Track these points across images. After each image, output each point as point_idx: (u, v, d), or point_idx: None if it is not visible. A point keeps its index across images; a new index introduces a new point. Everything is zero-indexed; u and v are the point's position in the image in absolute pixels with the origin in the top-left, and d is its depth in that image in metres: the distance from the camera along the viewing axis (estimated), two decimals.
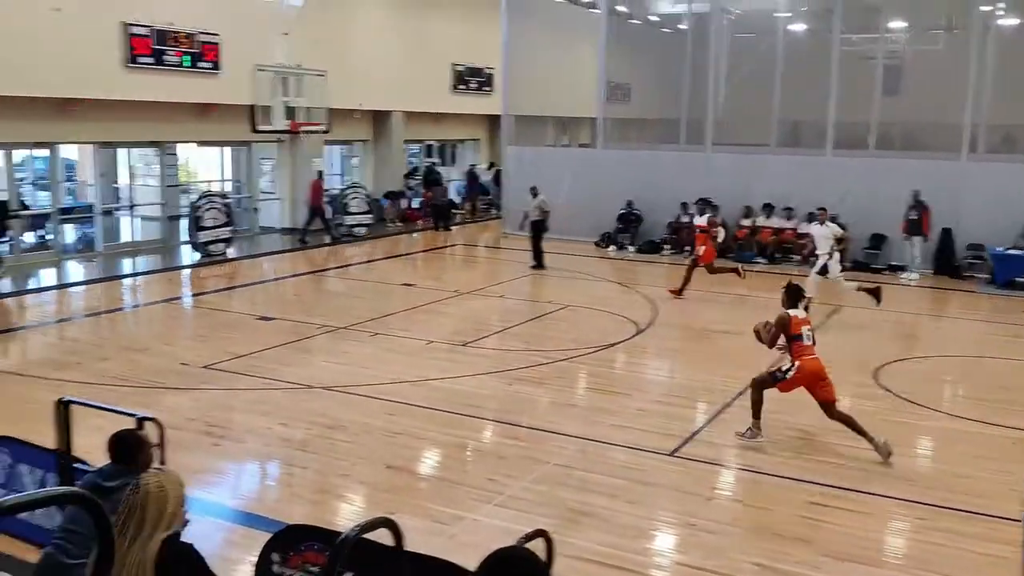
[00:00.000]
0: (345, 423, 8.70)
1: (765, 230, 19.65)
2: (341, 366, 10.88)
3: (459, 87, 27.15)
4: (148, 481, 3.22)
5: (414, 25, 24.99)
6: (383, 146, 25.72)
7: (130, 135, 19.12)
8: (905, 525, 6.89)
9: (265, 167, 23.12)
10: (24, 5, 15.74)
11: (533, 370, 10.72)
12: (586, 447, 8.22)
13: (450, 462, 8.02)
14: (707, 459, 7.98)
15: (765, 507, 6.98)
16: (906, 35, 23.69)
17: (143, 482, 3.21)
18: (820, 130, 20.18)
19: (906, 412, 9.44)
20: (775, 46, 23.41)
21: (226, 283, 17.09)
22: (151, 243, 19.97)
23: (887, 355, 11.65)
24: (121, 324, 13.78)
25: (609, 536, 6.41)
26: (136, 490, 3.18)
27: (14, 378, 10.15)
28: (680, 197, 20.44)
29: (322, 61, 19.00)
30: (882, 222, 18.53)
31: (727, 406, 9.47)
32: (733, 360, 11.36)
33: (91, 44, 16.82)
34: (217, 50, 19.07)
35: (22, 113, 16.44)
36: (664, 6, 28.46)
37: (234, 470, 7.88)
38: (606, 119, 22.88)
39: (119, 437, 4.50)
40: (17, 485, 6.30)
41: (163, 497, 3.23)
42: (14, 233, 17.36)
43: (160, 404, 8.93)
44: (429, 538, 6.14)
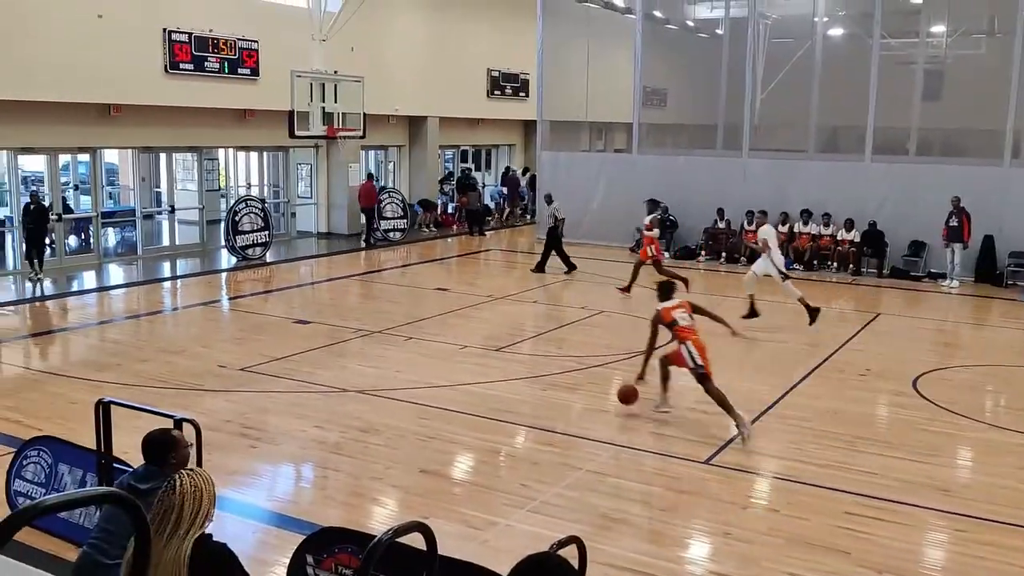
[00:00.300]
0: (379, 427, 8.73)
1: (802, 236, 19.46)
2: (375, 370, 10.93)
3: (494, 92, 27.22)
4: (183, 481, 3.26)
5: (450, 31, 25.11)
6: (418, 151, 25.86)
7: (170, 140, 19.41)
8: (945, 537, 6.77)
9: (302, 172, 23.34)
10: (68, 12, 16.04)
11: (567, 376, 10.70)
12: (619, 453, 8.18)
13: (483, 467, 8.02)
14: (742, 467, 7.90)
15: (801, 517, 6.89)
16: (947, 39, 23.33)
17: (179, 482, 3.25)
18: (859, 136, 19.95)
19: (946, 422, 9.29)
20: (813, 51, 23.19)
21: (263, 287, 17.25)
22: (190, 247, 20.23)
23: (927, 364, 11.48)
24: (160, 326, 13.96)
25: (642, 544, 6.37)
26: (172, 490, 3.22)
27: (56, 379, 10.33)
28: (716, 203, 20.32)
29: (359, 67, 19.15)
30: (922, 229, 18.28)
31: (763, 414, 9.38)
32: (769, 367, 11.27)
33: (133, 50, 17.11)
34: (256, 56, 19.31)
35: (66, 118, 16.76)
36: (701, 11, 28.31)
37: (269, 472, 7.94)
38: (642, 124, 22.79)
39: (151, 438, 4.45)
40: (58, 484, 6.41)
41: (198, 496, 3.26)
42: (55, 237, 17.68)
43: (198, 406, 9.03)
44: (462, 543, 6.15)
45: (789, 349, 12.40)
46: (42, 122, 16.49)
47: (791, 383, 10.55)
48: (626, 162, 22.82)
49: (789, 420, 9.22)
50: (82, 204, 20.04)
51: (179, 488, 3.23)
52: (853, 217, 18.92)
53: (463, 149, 29.32)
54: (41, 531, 5.99)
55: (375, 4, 20.21)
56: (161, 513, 3.17)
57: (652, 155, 22.70)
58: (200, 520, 3.26)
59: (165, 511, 3.18)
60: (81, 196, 20.37)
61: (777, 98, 24.91)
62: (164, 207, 20.39)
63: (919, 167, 19.30)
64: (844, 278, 18.45)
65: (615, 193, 21.99)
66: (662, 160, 22.35)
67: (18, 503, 6.49)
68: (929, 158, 20.09)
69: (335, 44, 17.88)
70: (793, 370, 11.19)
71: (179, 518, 3.20)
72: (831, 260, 19.18)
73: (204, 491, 3.29)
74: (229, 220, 19.13)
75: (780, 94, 24.83)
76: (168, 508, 3.19)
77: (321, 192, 23.11)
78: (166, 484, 3.25)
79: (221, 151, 21.77)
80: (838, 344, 12.47)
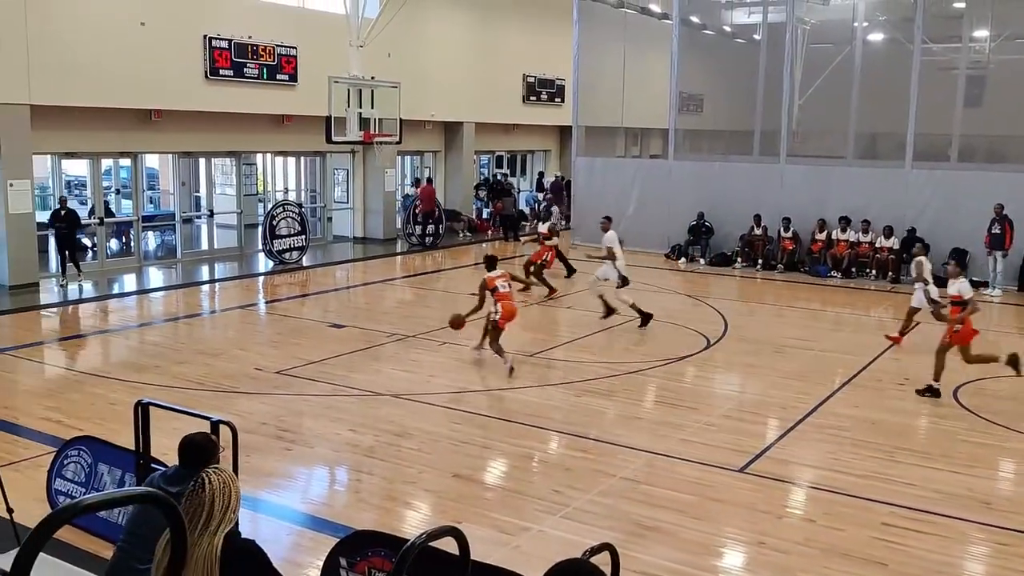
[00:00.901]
0: (412, 431, 8.77)
1: (840, 243, 19.23)
2: (409, 374, 10.98)
3: (530, 98, 27.25)
4: (212, 478, 3.29)
5: (486, 37, 25.19)
6: (454, 157, 25.95)
7: (210, 145, 19.67)
8: (985, 550, 6.65)
9: (338, 177, 23.54)
10: (111, 19, 16.33)
11: (601, 382, 10.67)
12: (653, 461, 8.14)
13: (516, 472, 8.01)
14: (778, 476, 7.82)
15: (838, 527, 6.80)
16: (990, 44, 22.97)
17: (207, 479, 3.27)
18: (899, 142, 19.68)
19: (987, 432, 9.13)
20: (852, 56, 22.95)
21: (299, 290, 17.41)
22: (228, 251, 20.46)
23: (967, 374, 11.28)
24: (198, 329, 14.14)
25: (676, 552, 6.33)
26: (202, 488, 3.25)
27: (97, 379, 10.49)
28: (753, 210, 20.16)
29: (395, 73, 19.28)
30: (963, 237, 17.97)
31: (799, 422, 9.28)
32: (805, 375, 11.15)
33: (174, 57, 17.37)
34: (294, 63, 19.51)
35: (108, 123, 17.06)
36: (738, 16, 28.15)
37: (304, 474, 8.00)
38: (677, 130, 22.68)
39: (194, 441, 4.32)
40: (97, 484, 6.50)
41: (227, 492, 3.29)
42: (97, 240, 17.98)
43: (234, 408, 9.13)
44: (494, 548, 6.15)
45: (826, 358, 12.26)
46: (85, 127, 16.80)
47: (828, 392, 10.44)
48: (661, 168, 22.72)
49: (826, 429, 9.12)
50: (123, 208, 20.36)
51: (208, 485, 3.26)
52: (892, 224, 18.68)
53: (498, 155, 29.38)
54: (81, 529, 6.08)
55: (412, 10, 20.34)
56: (192, 511, 3.20)
57: (688, 161, 22.58)
58: (229, 515, 3.30)
59: (195, 508, 3.21)
60: (122, 200, 20.70)
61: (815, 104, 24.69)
62: (203, 211, 20.65)
63: (961, 174, 19.01)
64: (883, 286, 18.20)
65: (650, 199, 21.90)
66: (698, 166, 22.23)
67: (58, 502, 6.60)
68: (971, 165, 19.78)
69: (372, 50, 18.02)
70: (830, 379, 11.07)
71: (210, 514, 3.23)
72: (870, 267, 18.94)
73: (232, 487, 3.32)
74: (267, 224, 19.34)
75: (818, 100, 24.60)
76: (199, 505, 3.22)
77: (357, 197, 23.28)
78: (195, 482, 3.27)
79: (259, 156, 22.01)
80: (876, 353, 12.31)
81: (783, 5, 22.45)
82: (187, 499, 3.22)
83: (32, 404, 9.50)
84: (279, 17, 19.52)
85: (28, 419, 8.92)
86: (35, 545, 2.08)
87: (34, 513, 5.38)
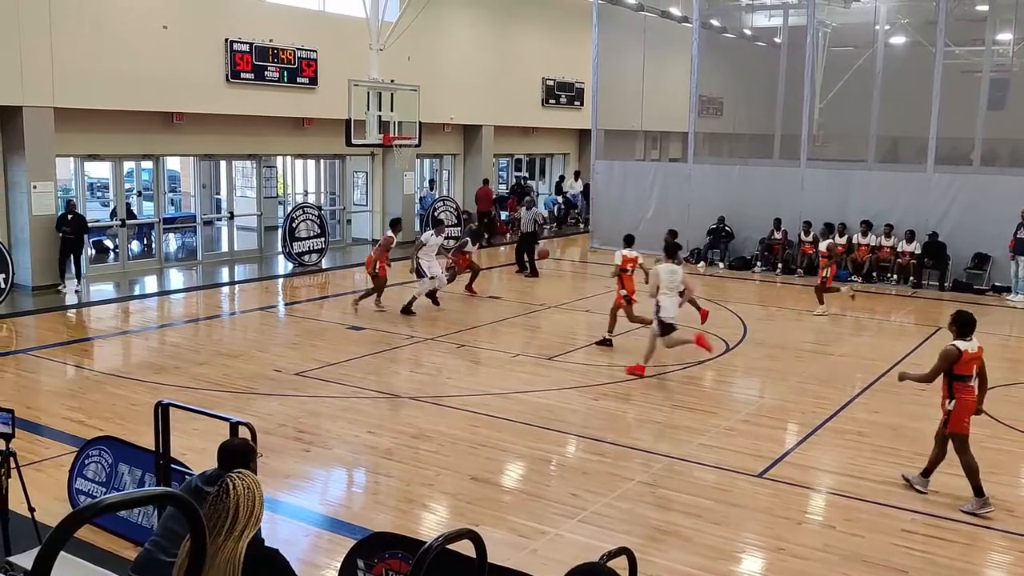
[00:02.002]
0: (430, 433, 8.78)
1: (861, 247, 19.11)
2: (427, 377, 11.00)
3: (549, 101, 27.25)
4: (236, 483, 3.30)
5: (505, 40, 25.22)
6: (473, 160, 25.99)
7: (230, 148, 19.78)
8: (1008, 558, 6.58)
9: (358, 179, 23.62)
10: (134, 23, 16.47)
11: (619, 386, 10.65)
12: (672, 465, 8.11)
13: (534, 476, 8.01)
14: (797, 482, 7.77)
15: (857, 533, 6.75)
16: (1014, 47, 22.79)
17: (231, 485, 3.29)
18: (921, 146, 19.54)
19: (1010, 439, 9.05)
20: (874, 60, 22.84)
21: (318, 292, 17.49)
22: (248, 253, 20.58)
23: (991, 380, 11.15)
24: (218, 331, 14.22)
25: (693, 557, 6.30)
26: (226, 494, 3.26)
27: (118, 380, 10.57)
28: (773, 214, 20.07)
29: (415, 76, 19.31)
30: (986, 241, 17.83)
31: (819, 427, 9.23)
32: (825, 380, 11.08)
33: (196, 60, 17.50)
34: (314, 66, 19.61)
35: (130, 126, 17.20)
36: (759, 20, 28.06)
37: (322, 476, 8.03)
38: (697, 133, 22.61)
39: (233, 447, 4.32)
40: (117, 483, 6.55)
41: (251, 497, 3.30)
42: (120, 242, 18.11)
43: (253, 409, 9.18)
44: (511, 551, 6.15)
45: (846, 363, 12.18)
46: (108, 130, 16.94)
47: (848, 397, 10.37)
48: (681, 171, 22.67)
49: (846, 435, 9.06)
50: (145, 210, 20.52)
51: (233, 491, 3.27)
52: (914, 228, 18.54)
53: (517, 158, 29.39)
54: (101, 529, 6.13)
55: (432, 14, 20.39)
56: (216, 516, 3.21)
57: (708, 165, 22.52)
58: (253, 521, 3.30)
59: (220, 514, 3.22)
60: (144, 202, 20.86)
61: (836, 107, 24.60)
62: (223, 213, 20.77)
63: (984, 178, 18.85)
64: (904, 290, 18.07)
65: (670, 203, 21.84)
66: (718, 170, 22.17)
67: (79, 501, 6.65)
68: (994, 169, 19.64)
69: (392, 53, 18.07)
70: (850, 384, 11.00)
71: (234, 520, 3.24)
72: (891, 272, 18.81)
73: (256, 492, 3.33)
74: (286, 227, 19.44)
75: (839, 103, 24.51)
76: (223, 511, 3.23)
77: (376, 199, 23.35)
78: (219, 487, 3.28)
79: (279, 159, 22.13)
80: (897, 358, 12.21)
81: (804, 8, 22.36)
82: (211, 504, 3.23)
83: (54, 404, 9.59)
84: (299, 20, 19.62)
85: (50, 419, 9.00)
86: (56, 544, 2.09)
87: (55, 512, 5.43)
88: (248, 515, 3.27)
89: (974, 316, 7.37)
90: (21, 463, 5.91)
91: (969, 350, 7.21)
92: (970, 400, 7.28)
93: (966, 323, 7.28)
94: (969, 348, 7.22)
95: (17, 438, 5.81)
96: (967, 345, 7.23)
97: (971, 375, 7.26)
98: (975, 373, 7.28)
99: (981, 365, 7.32)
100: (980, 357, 7.29)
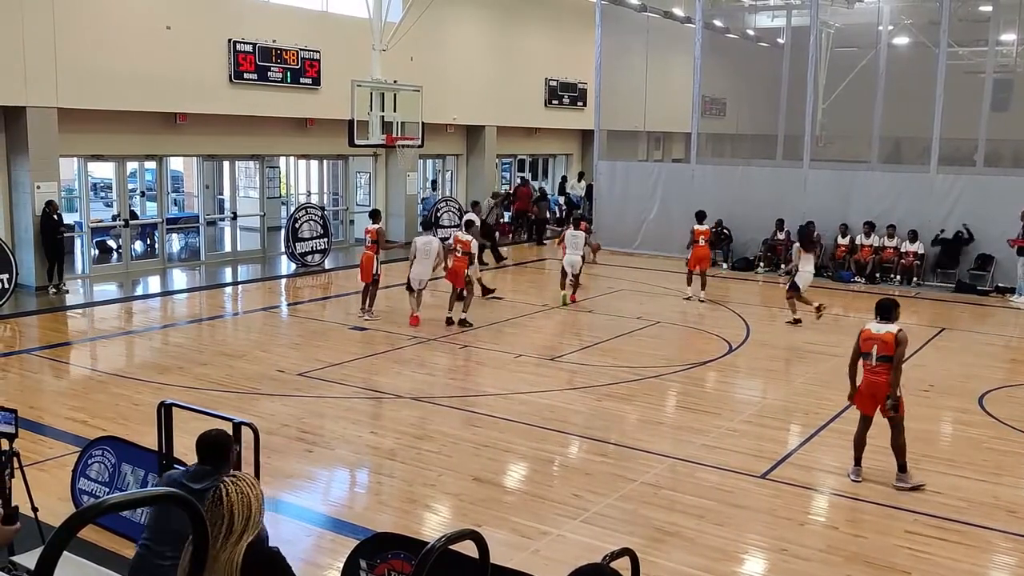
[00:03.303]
0: (433, 434, 8.78)
1: (864, 248, 19.08)
2: (430, 377, 11.00)
3: (552, 102, 27.25)
4: (229, 490, 3.26)
5: (508, 40, 25.22)
6: (476, 160, 25.99)
7: (233, 148, 19.80)
8: (1013, 560, 6.57)
9: (361, 180, 23.63)
10: (137, 24, 16.48)
11: (622, 386, 10.64)
12: (674, 466, 8.10)
13: (536, 476, 8.00)
14: (800, 483, 7.77)
15: (860, 535, 6.75)
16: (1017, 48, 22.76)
17: (224, 492, 3.26)
18: (924, 146, 19.52)
19: (1013, 440, 9.02)
20: (877, 60, 22.82)
21: (321, 293, 17.50)
22: (251, 253, 20.59)
23: (993, 381, 11.17)
24: (221, 331, 14.23)
25: (696, 558, 6.30)
26: (220, 502, 3.24)
27: (121, 380, 10.58)
28: (776, 214, 20.05)
29: (418, 76, 19.33)
30: (990, 243, 17.81)
31: (822, 428, 9.22)
32: (828, 381, 11.05)
33: (199, 61, 17.51)
34: (318, 66, 19.63)
35: (133, 126, 17.22)
36: (762, 20, 28.04)
37: (324, 476, 8.04)
38: (700, 134, 22.61)
39: (209, 438, 4.36)
40: (120, 484, 6.56)
41: (246, 502, 3.28)
42: (123, 242, 18.12)
43: (256, 409, 9.19)
44: (513, 552, 6.15)
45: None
46: (111, 130, 16.96)
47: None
48: (684, 172, 22.66)
49: (849, 436, 9.00)
50: (148, 210, 20.55)
51: (226, 499, 3.24)
52: (917, 229, 18.52)
53: (520, 158, 29.39)
54: (104, 529, 6.13)
55: (435, 15, 20.39)
56: (212, 523, 3.18)
57: (711, 165, 22.51)
58: (252, 525, 3.29)
59: (215, 521, 3.20)
60: (147, 202, 20.89)
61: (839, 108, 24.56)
62: (226, 214, 20.79)
63: (987, 179, 18.82)
64: (907, 291, 18.05)
65: (672, 203, 21.83)
66: (720, 170, 22.16)
67: (82, 501, 6.66)
68: (998, 170, 19.59)
69: (395, 54, 18.08)
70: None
71: (231, 526, 3.23)
72: (894, 273, 18.79)
73: (252, 496, 3.30)
74: (289, 227, 19.46)
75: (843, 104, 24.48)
76: (219, 517, 3.21)
77: (379, 200, 23.35)
78: (212, 495, 3.27)
79: (282, 159, 22.13)
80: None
81: (807, 9, 22.34)
82: (207, 511, 3.22)
83: (57, 404, 9.60)
84: (303, 21, 19.64)
85: (53, 419, 9.02)
86: (59, 544, 2.10)
87: (58, 512, 5.43)
88: (245, 520, 3.25)
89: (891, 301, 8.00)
90: (24, 463, 5.92)
91: (871, 330, 7.79)
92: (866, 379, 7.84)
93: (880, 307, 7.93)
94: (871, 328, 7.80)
95: (20, 438, 5.81)
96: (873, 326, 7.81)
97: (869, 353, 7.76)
98: (873, 353, 7.72)
99: (889, 348, 7.69)
100: (883, 339, 7.67)
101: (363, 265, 14.26)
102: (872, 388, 7.76)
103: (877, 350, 7.69)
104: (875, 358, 7.71)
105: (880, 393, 7.70)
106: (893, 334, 7.66)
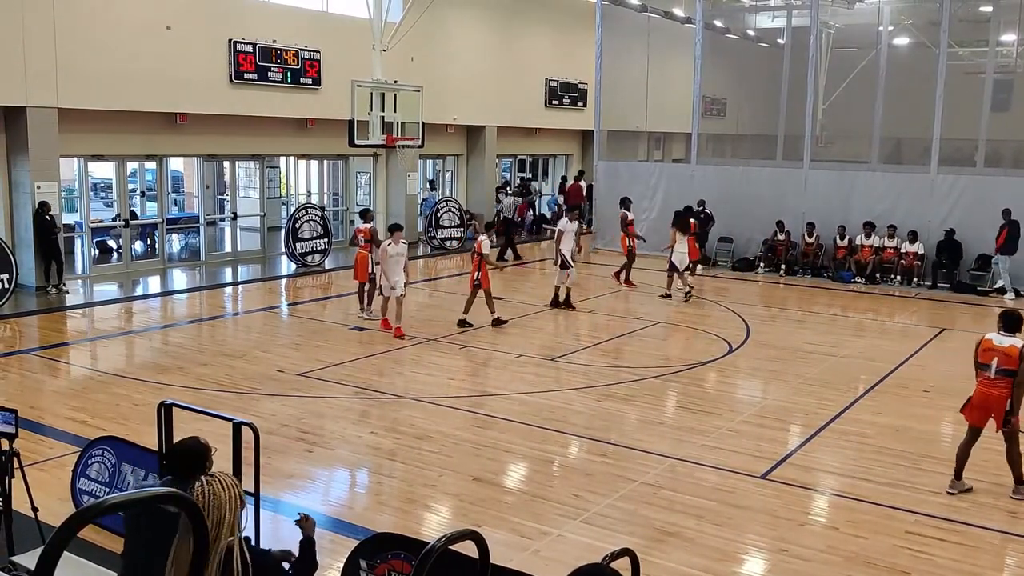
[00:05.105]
0: (433, 434, 8.78)
1: (864, 249, 19.08)
2: (430, 377, 11.00)
3: (552, 102, 27.25)
4: (196, 494, 3.13)
5: (509, 41, 25.23)
6: (476, 160, 25.99)
7: (233, 148, 19.80)
8: (1013, 561, 6.57)
9: (361, 180, 23.63)
10: (138, 24, 16.49)
11: (622, 387, 10.64)
12: (674, 466, 8.10)
13: (536, 477, 8.01)
14: (800, 483, 7.76)
15: (861, 535, 6.74)
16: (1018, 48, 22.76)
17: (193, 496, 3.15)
18: (924, 147, 19.52)
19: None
20: (877, 61, 22.82)
21: (321, 293, 17.49)
22: (251, 253, 20.59)
23: None
24: (221, 331, 14.23)
25: (696, 558, 6.30)
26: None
27: (121, 380, 10.58)
28: (776, 215, 20.04)
29: (418, 77, 19.35)
30: (990, 242, 17.80)
31: (822, 429, 9.22)
32: (828, 381, 11.07)
33: (199, 61, 17.51)
34: (318, 66, 19.63)
35: (134, 127, 17.22)
36: (762, 21, 28.05)
37: (324, 476, 8.04)
38: (700, 134, 22.60)
39: (184, 448, 3.93)
40: (120, 483, 6.56)
41: (218, 506, 3.17)
42: (123, 242, 18.12)
43: (256, 409, 9.19)
44: (513, 552, 6.15)
45: (850, 364, 12.16)
46: (111, 130, 16.96)
47: (852, 399, 10.35)
48: (684, 172, 22.65)
49: (850, 436, 9.04)
50: (148, 210, 20.55)
51: (199, 500, 3.15)
52: (917, 230, 18.52)
53: (520, 158, 29.39)
54: (104, 529, 6.13)
55: (435, 15, 20.41)
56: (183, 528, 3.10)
57: (711, 165, 22.50)
58: (225, 531, 3.18)
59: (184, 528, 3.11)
60: (147, 203, 20.89)
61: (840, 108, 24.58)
62: (227, 214, 20.79)
63: (987, 179, 18.82)
64: (907, 291, 18.05)
65: (673, 204, 21.79)
66: (720, 170, 22.15)
67: (82, 501, 6.65)
68: (998, 170, 19.60)
69: (395, 54, 18.08)
70: (854, 385, 10.98)
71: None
72: (894, 273, 18.78)
73: (223, 499, 3.18)
74: (289, 227, 19.46)
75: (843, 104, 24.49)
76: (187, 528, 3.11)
77: (380, 200, 23.36)
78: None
79: (283, 159, 22.13)
80: (900, 360, 12.20)
81: (807, 9, 22.34)
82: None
83: (57, 404, 9.61)
84: (303, 21, 19.64)
85: (53, 419, 9.02)
86: (59, 544, 2.09)
87: (58, 512, 5.43)
88: (217, 525, 3.16)
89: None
90: (24, 463, 5.92)
91: (992, 340, 7.49)
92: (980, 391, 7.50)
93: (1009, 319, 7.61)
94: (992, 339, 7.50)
95: (20, 438, 5.82)
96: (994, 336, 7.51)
97: (988, 364, 7.44)
98: (993, 365, 7.41)
99: (1012, 363, 7.36)
100: (1006, 352, 7.37)
101: (357, 265, 14.24)
102: (986, 401, 7.38)
103: (998, 363, 7.33)
104: (994, 370, 7.34)
105: (995, 407, 7.35)
106: (1018, 348, 7.27)
